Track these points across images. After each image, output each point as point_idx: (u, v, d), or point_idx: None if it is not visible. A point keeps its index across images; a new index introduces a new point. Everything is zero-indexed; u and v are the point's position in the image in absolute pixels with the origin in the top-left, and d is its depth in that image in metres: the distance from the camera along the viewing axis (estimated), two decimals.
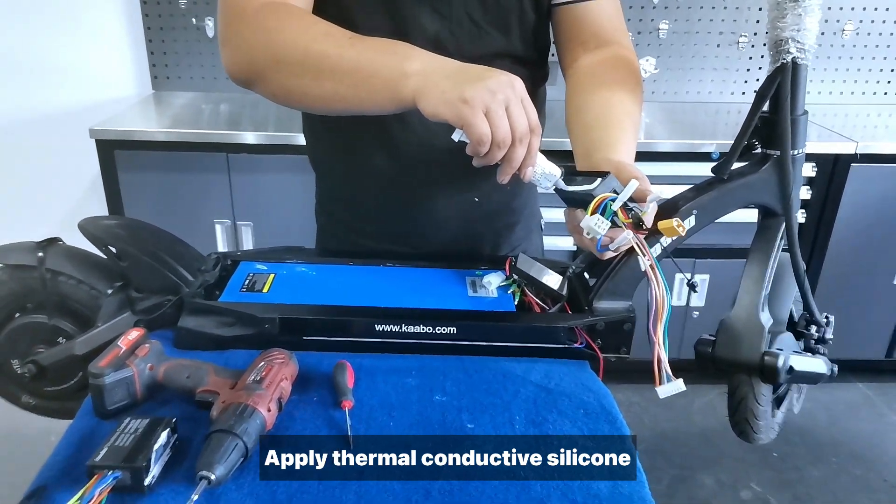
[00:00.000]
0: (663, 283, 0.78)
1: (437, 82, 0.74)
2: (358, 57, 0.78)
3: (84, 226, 0.93)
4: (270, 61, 0.82)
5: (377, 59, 0.77)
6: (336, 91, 0.79)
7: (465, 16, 0.94)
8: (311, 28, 0.81)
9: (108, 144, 1.98)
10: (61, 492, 0.65)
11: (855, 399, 2.43)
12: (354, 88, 0.78)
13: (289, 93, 0.83)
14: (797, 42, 0.83)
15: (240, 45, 0.84)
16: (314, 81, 0.79)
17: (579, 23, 1.00)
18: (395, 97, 0.76)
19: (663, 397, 0.77)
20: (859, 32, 2.51)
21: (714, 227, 2.08)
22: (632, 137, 0.91)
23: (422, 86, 0.74)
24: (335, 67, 0.78)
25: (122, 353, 0.78)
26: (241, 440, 0.68)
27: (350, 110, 0.83)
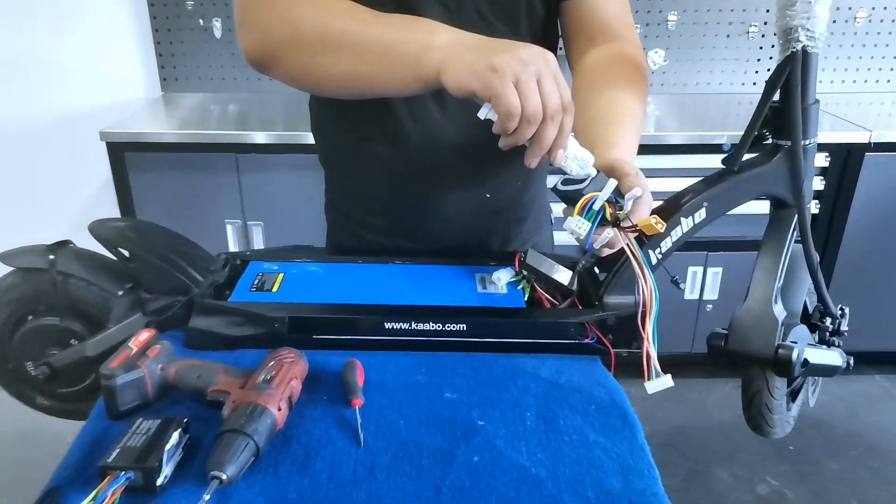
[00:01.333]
0: (651, 280, 0.77)
1: (463, 54, 0.70)
2: (380, 32, 0.75)
3: (94, 228, 0.93)
4: (288, 39, 0.80)
5: (399, 33, 0.74)
6: (356, 68, 0.76)
7: (474, 10, 0.94)
8: (331, 5, 0.79)
9: (118, 146, 1.99)
10: (75, 492, 0.66)
11: (873, 391, 2.40)
12: (375, 64, 0.75)
13: (307, 72, 0.81)
14: (807, 30, 0.82)
15: (257, 25, 0.82)
16: (334, 59, 0.77)
17: (587, 18, 0.99)
18: (417, 72, 0.73)
19: (651, 392, 0.76)
20: (872, 20, 2.47)
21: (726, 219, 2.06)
22: (633, 135, 0.89)
23: (446, 59, 0.71)
24: (355, 43, 0.75)
25: (133, 355, 0.79)
26: (251, 439, 0.68)
27: (370, 89, 0.80)
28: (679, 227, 0.91)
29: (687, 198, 0.91)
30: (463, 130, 1.01)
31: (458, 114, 1.00)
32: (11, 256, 0.95)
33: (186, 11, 2.35)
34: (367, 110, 0.99)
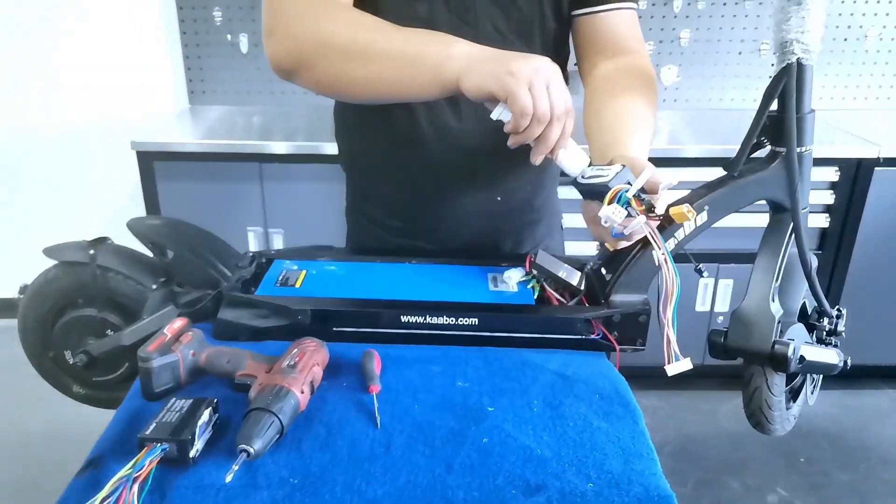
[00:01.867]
0: (673, 268, 0.82)
1: (481, 62, 0.79)
2: (404, 42, 0.82)
3: (133, 225, 1.00)
4: (317, 47, 0.86)
5: (423, 43, 0.82)
6: (381, 74, 0.83)
7: (491, 26, 0.99)
8: (359, 18, 0.86)
9: (148, 156, 2.08)
10: (115, 462, 0.71)
11: (883, 405, 2.40)
12: (400, 71, 0.82)
13: (335, 78, 0.87)
14: (801, 43, 0.87)
15: (286, 33, 0.88)
16: (361, 65, 0.84)
17: (598, 32, 1.04)
18: (439, 79, 0.80)
19: (671, 374, 0.81)
20: (883, 38, 2.51)
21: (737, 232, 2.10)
22: (645, 138, 0.96)
23: (465, 66, 0.79)
24: (382, 52, 0.82)
25: (167, 340, 0.85)
26: (277, 417, 0.74)
27: (394, 94, 0.87)
28: (682, 229, 0.95)
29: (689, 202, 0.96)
30: (477, 137, 1.07)
31: (472, 121, 1.06)
32: (55, 251, 1.02)
33: (215, 27, 2.45)
34: (388, 116, 1.05)
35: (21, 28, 2.45)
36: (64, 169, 2.62)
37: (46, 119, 2.55)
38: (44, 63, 2.49)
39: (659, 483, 0.71)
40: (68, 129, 2.57)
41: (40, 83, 2.51)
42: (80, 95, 2.53)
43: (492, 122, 0.84)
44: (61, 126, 2.56)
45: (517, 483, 0.70)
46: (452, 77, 0.79)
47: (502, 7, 0.98)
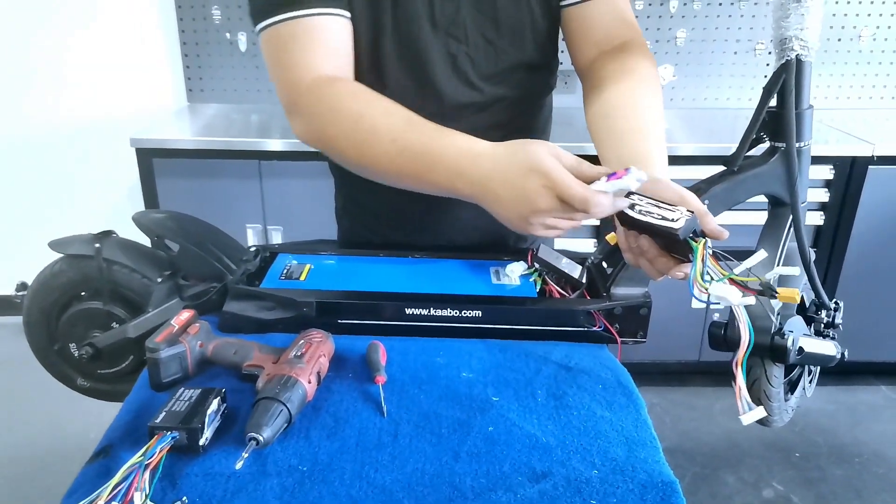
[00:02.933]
0: (748, 324, 0.70)
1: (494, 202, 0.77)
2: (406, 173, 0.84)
3: (138, 218, 1.01)
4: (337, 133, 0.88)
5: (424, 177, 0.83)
6: (399, 183, 0.86)
7: (481, 37, 0.98)
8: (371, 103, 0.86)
9: (146, 152, 2.08)
10: (125, 451, 0.72)
11: (877, 401, 2.43)
12: (414, 187, 0.86)
13: (356, 165, 0.90)
14: (800, 40, 0.88)
15: (305, 114, 0.91)
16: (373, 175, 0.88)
17: (589, 22, 0.99)
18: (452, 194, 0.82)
19: (746, 424, 0.71)
20: (876, 38, 2.53)
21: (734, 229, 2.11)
22: (664, 155, 0.90)
23: (478, 199, 0.79)
24: (389, 174, 0.85)
25: (175, 331, 0.85)
26: (285, 406, 0.75)
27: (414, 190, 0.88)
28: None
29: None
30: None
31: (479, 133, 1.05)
32: (61, 244, 1.03)
33: (214, 26, 2.45)
34: None
35: (21, 27, 2.45)
36: (63, 166, 2.62)
37: (46, 116, 2.56)
38: (44, 61, 2.49)
39: (662, 470, 0.72)
40: (68, 126, 2.57)
41: (40, 81, 2.51)
42: (79, 93, 2.53)
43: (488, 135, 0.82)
44: (61, 123, 2.56)
45: (523, 470, 0.71)
46: (465, 196, 0.81)
47: (490, 16, 0.96)
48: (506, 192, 0.75)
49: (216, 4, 2.43)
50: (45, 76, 2.51)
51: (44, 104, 2.54)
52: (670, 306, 2.37)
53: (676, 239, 0.70)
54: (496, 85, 1.02)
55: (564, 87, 2.42)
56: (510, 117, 1.06)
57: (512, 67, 1.01)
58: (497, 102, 1.03)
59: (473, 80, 1.00)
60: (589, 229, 2.28)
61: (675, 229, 0.70)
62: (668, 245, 0.74)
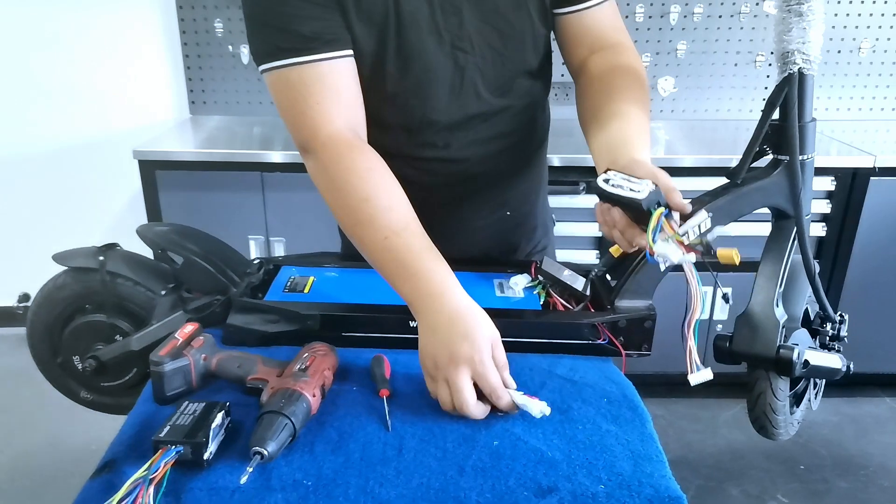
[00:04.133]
0: (702, 294, 0.81)
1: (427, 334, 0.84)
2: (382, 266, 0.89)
3: (142, 231, 1.01)
4: (331, 209, 0.96)
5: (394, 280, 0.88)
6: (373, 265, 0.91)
7: (487, 46, 0.99)
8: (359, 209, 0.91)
9: (149, 164, 2.08)
10: (129, 465, 0.72)
11: (882, 413, 2.42)
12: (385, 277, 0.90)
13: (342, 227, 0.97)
14: (803, 54, 0.89)
15: (312, 176, 0.98)
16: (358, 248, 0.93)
17: (584, 28, 1.04)
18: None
19: (694, 384, 0.81)
20: (876, 50, 2.54)
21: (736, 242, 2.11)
22: (648, 143, 0.95)
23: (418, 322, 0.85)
24: (368, 257, 0.91)
25: (179, 345, 0.85)
26: (289, 420, 0.74)
27: None
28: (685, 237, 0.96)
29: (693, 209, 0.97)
30: (481, 162, 1.08)
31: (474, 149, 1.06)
32: (65, 257, 1.03)
33: (216, 39, 2.46)
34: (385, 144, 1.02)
35: (25, 40, 2.46)
36: (66, 178, 2.62)
37: (49, 128, 2.57)
38: (47, 73, 2.51)
39: (669, 485, 0.72)
40: (71, 139, 2.58)
41: (43, 93, 2.53)
42: (82, 105, 2.54)
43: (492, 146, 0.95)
44: (64, 135, 2.57)
45: (529, 485, 0.71)
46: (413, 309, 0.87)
47: (494, 26, 0.98)
48: (441, 336, 0.81)
49: (218, 17, 2.44)
50: (47, 88, 2.52)
51: (47, 116, 2.55)
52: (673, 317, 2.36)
53: (641, 209, 0.78)
54: (502, 95, 1.03)
55: (566, 98, 2.42)
56: (513, 127, 1.08)
57: (516, 75, 1.03)
58: (502, 112, 1.05)
59: (481, 92, 1.01)
60: (592, 241, 2.28)
61: (638, 200, 0.78)
62: (636, 216, 0.80)
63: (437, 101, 1.00)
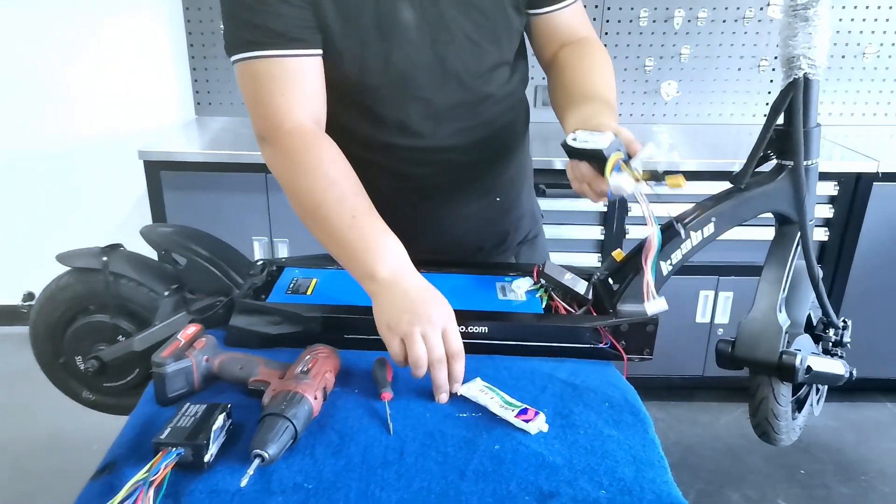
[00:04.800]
0: (658, 229, 0.90)
1: (385, 302, 0.87)
2: (347, 242, 0.92)
3: (146, 233, 1.01)
4: (289, 193, 0.98)
5: (358, 253, 0.91)
6: (327, 246, 0.95)
7: (464, 37, 1.02)
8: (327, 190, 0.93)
9: (154, 165, 2.09)
10: (129, 467, 0.72)
11: (883, 418, 2.41)
12: (338, 256, 0.94)
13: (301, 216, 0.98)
14: (808, 59, 0.88)
15: (270, 162, 1.00)
16: (315, 228, 0.95)
17: (556, 27, 1.12)
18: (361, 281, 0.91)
19: (650, 313, 0.90)
20: (880, 55, 2.54)
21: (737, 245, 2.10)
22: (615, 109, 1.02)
23: (377, 294, 0.89)
24: (330, 236, 0.93)
25: (181, 346, 0.85)
26: (291, 423, 0.74)
27: None
28: (689, 241, 0.97)
29: (696, 213, 0.97)
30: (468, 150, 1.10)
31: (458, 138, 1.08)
32: (68, 257, 1.03)
33: (221, 40, 2.46)
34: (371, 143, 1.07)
35: (33, 41, 2.47)
36: (71, 178, 2.63)
37: (54, 128, 2.57)
38: (52, 74, 2.51)
39: (671, 491, 0.72)
40: (76, 139, 2.58)
41: (48, 93, 2.53)
42: (87, 105, 2.54)
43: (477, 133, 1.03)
44: (69, 135, 2.57)
45: (530, 490, 0.71)
46: (369, 292, 0.90)
47: (472, 18, 1.01)
48: (404, 304, 0.86)
49: None
50: (53, 89, 2.53)
51: (52, 116, 2.56)
52: (675, 321, 2.36)
53: (603, 157, 0.85)
54: (484, 84, 1.06)
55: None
56: (496, 114, 1.10)
57: (495, 66, 1.06)
58: (485, 100, 1.07)
59: (464, 79, 1.04)
60: (595, 244, 2.28)
61: (600, 148, 0.85)
62: (601, 167, 0.86)
63: (420, 90, 1.02)
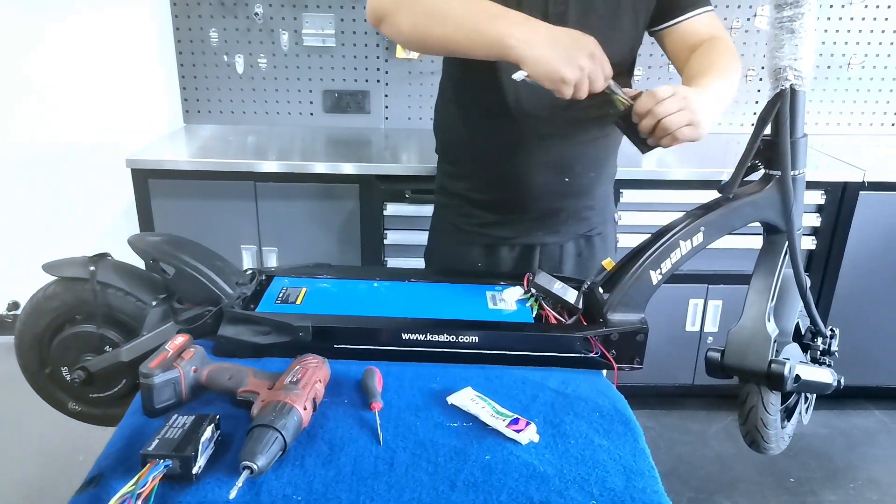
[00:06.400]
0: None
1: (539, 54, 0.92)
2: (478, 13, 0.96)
3: (133, 242, 1.00)
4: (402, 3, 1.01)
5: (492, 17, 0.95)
6: (453, 36, 0.98)
7: None
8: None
9: (142, 173, 2.07)
10: (116, 480, 0.71)
11: (871, 426, 2.42)
12: (468, 38, 0.97)
13: (413, 30, 1.02)
14: (795, 70, 0.89)
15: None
16: (438, 24, 0.99)
17: (688, 34, 1.19)
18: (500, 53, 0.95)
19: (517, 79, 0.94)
20: (865, 66, 2.57)
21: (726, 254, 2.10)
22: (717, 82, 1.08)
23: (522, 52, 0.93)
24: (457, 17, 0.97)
25: (169, 356, 0.85)
26: (280, 434, 0.74)
27: (462, 54, 1.02)
28: (678, 250, 0.97)
29: (685, 222, 0.98)
30: (553, 126, 1.19)
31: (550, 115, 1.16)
32: (55, 266, 1.02)
33: (211, 48, 2.46)
34: (480, 109, 1.22)
35: (20, 45, 2.45)
36: (58, 186, 2.60)
37: (41, 136, 2.54)
38: (40, 80, 2.49)
39: (661, 501, 0.72)
40: (63, 146, 2.56)
41: (36, 100, 2.51)
42: (75, 113, 2.52)
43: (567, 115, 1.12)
44: (56, 143, 2.55)
45: (521, 500, 0.71)
46: (511, 57, 0.94)
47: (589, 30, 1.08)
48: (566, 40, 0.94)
49: (213, 27, 2.44)
50: (41, 95, 2.51)
51: (40, 123, 2.53)
52: (664, 330, 2.37)
53: None
54: None
55: None
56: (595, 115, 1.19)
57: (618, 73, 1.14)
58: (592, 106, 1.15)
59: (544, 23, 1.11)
60: None
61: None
62: None
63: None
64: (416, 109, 2.58)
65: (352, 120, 2.58)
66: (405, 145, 2.43)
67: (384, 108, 2.57)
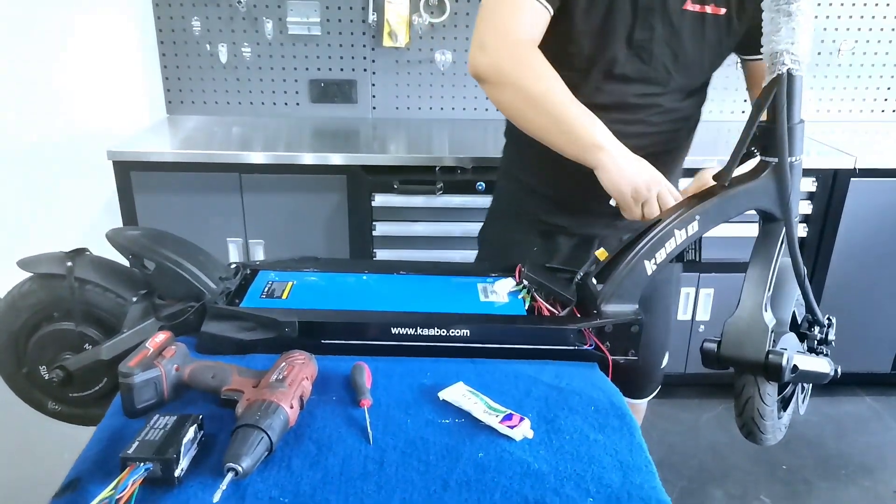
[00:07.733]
0: None
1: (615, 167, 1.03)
2: (574, 116, 1.05)
3: (112, 236, 0.97)
4: (514, 82, 1.06)
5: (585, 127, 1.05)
6: (546, 129, 1.08)
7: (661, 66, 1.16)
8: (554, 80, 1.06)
9: (124, 166, 2.03)
10: (94, 484, 0.68)
11: (862, 412, 2.43)
12: (558, 136, 1.07)
13: (510, 108, 1.11)
14: (791, 54, 0.87)
15: (493, 53, 1.07)
16: (535, 114, 1.08)
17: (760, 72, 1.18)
18: (582, 156, 1.06)
19: None
20: (855, 52, 2.56)
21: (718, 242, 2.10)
22: None
23: (604, 161, 1.04)
24: (556, 115, 1.05)
25: (150, 355, 0.82)
26: (266, 434, 0.71)
27: (548, 144, 1.10)
28: (673, 239, 0.95)
29: (680, 211, 0.96)
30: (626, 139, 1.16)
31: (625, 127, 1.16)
32: (31, 263, 0.98)
33: (193, 37, 2.41)
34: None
35: None
36: (37, 179, 2.55)
37: (20, 128, 2.49)
38: (19, 72, 2.43)
39: (660, 496, 0.70)
40: (43, 138, 2.50)
41: (16, 91, 2.45)
42: (55, 104, 2.46)
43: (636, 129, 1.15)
44: (35, 135, 2.49)
45: (515, 499, 0.69)
46: (591, 161, 1.05)
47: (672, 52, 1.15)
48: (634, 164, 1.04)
49: (196, 15, 2.39)
50: (19, 86, 2.45)
51: (17, 115, 2.48)
52: None
53: None
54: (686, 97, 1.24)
55: None
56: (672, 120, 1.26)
57: (678, 89, 1.21)
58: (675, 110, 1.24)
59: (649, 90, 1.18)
60: None
61: None
62: None
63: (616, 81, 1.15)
64: (403, 99, 2.54)
65: (338, 110, 2.54)
66: (393, 135, 2.40)
67: (371, 98, 2.54)
